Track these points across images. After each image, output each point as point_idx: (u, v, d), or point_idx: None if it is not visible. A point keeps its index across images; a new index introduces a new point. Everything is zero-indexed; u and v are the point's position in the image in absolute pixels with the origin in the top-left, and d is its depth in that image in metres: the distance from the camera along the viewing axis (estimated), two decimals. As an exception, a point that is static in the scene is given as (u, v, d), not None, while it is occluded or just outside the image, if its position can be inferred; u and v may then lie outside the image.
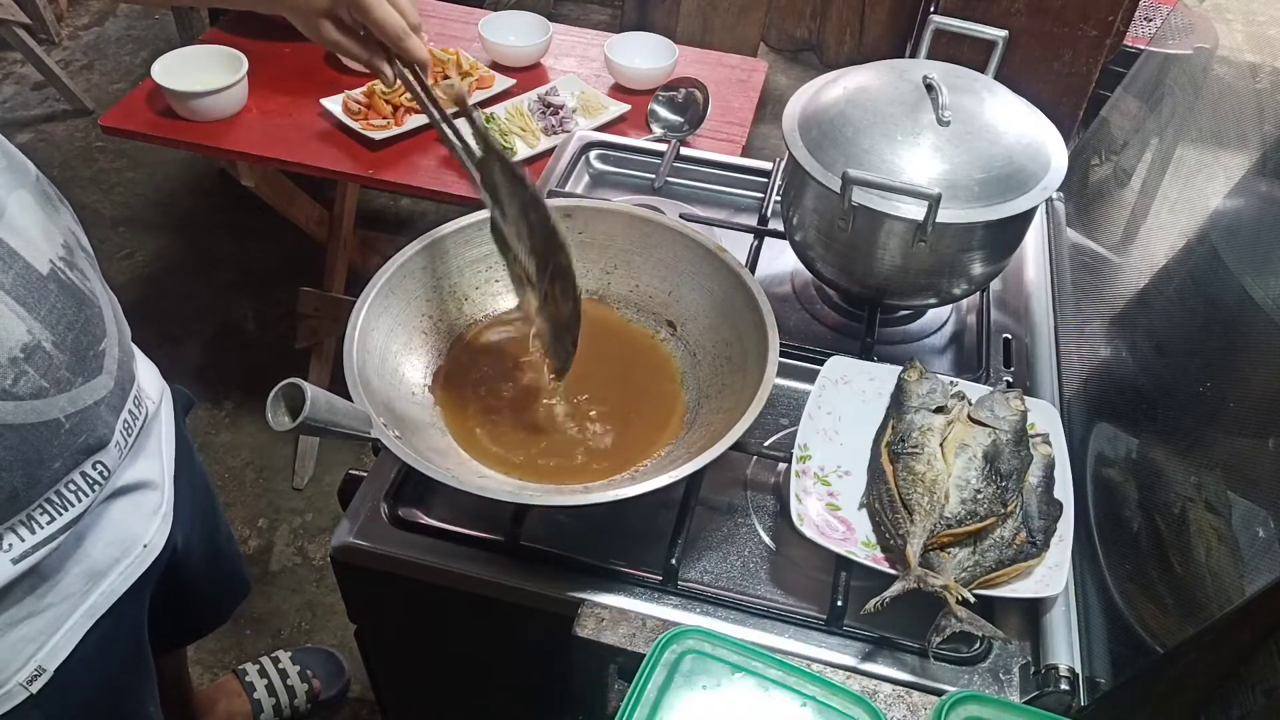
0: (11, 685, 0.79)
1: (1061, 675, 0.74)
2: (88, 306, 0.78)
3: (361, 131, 1.68)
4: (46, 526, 0.76)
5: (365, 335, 0.85)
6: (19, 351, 0.70)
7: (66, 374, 0.74)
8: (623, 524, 0.88)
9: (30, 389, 0.71)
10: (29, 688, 0.81)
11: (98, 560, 0.84)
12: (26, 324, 0.71)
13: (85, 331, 0.77)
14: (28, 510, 0.74)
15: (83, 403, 0.76)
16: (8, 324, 0.70)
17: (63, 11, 3.30)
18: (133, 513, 0.88)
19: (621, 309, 1.00)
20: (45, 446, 0.73)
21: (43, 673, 0.81)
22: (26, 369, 0.71)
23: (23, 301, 0.71)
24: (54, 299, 0.74)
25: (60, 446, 0.74)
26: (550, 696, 0.90)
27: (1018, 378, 1.01)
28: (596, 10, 3.43)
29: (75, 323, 0.76)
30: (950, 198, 0.88)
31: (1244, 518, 0.68)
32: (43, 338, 0.72)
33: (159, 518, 0.91)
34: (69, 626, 0.83)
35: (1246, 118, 0.93)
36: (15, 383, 0.70)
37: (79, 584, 0.83)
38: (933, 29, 1.07)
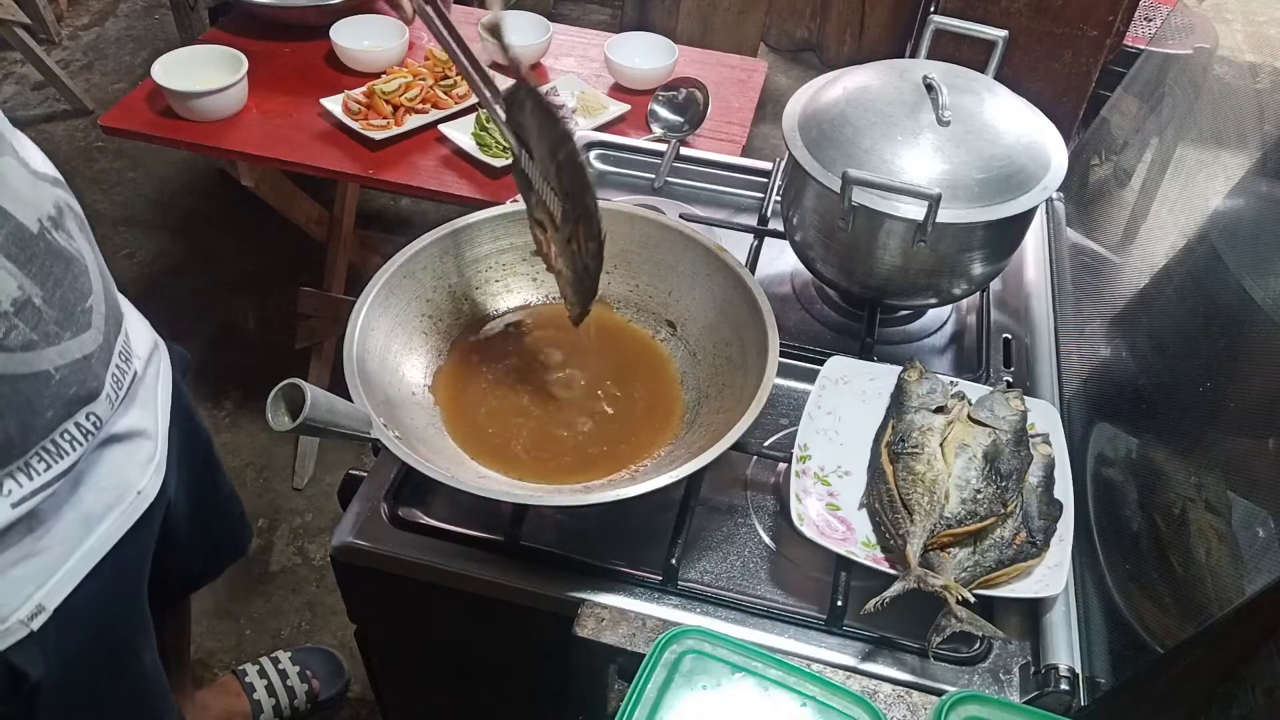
0: (12, 622, 0.82)
1: (1061, 675, 0.74)
2: (74, 265, 0.81)
3: (361, 131, 1.68)
4: (44, 473, 0.79)
5: (365, 335, 0.85)
6: (9, 306, 0.73)
7: (55, 328, 0.77)
8: (623, 524, 0.88)
9: (20, 341, 0.74)
10: (29, 624, 0.83)
11: (92, 506, 0.87)
12: (17, 280, 0.74)
13: (72, 289, 0.80)
14: (25, 458, 0.77)
15: (71, 356, 0.79)
16: (0, 280, 0.72)
17: (63, 11, 3.30)
18: (126, 461, 0.90)
19: (621, 309, 1.00)
20: (37, 397, 0.77)
21: (42, 610, 0.84)
22: (17, 323, 0.74)
23: (14, 259, 0.74)
24: (43, 258, 0.77)
25: (52, 397, 0.78)
26: (550, 696, 0.90)
27: (1018, 378, 1.01)
28: (596, 10, 3.43)
29: (63, 280, 0.79)
30: (950, 198, 0.88)
31: (1244, 518, 0.68)
32: (33, 293, 0.75)
33: (152, 466, 0.94)
34: (67, 569, 0.86)
35: (1246, 118, 0.93)
36: (6, 335, 0.73)
37: (75, 529, 0.86)
38: (933, 29, 1.07)
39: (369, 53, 1.85)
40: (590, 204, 0.82)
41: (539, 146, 0.85)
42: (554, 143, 0.82)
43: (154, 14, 3.35)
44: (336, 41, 1.85)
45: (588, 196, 0.82)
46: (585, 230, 0.84)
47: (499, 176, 1.65)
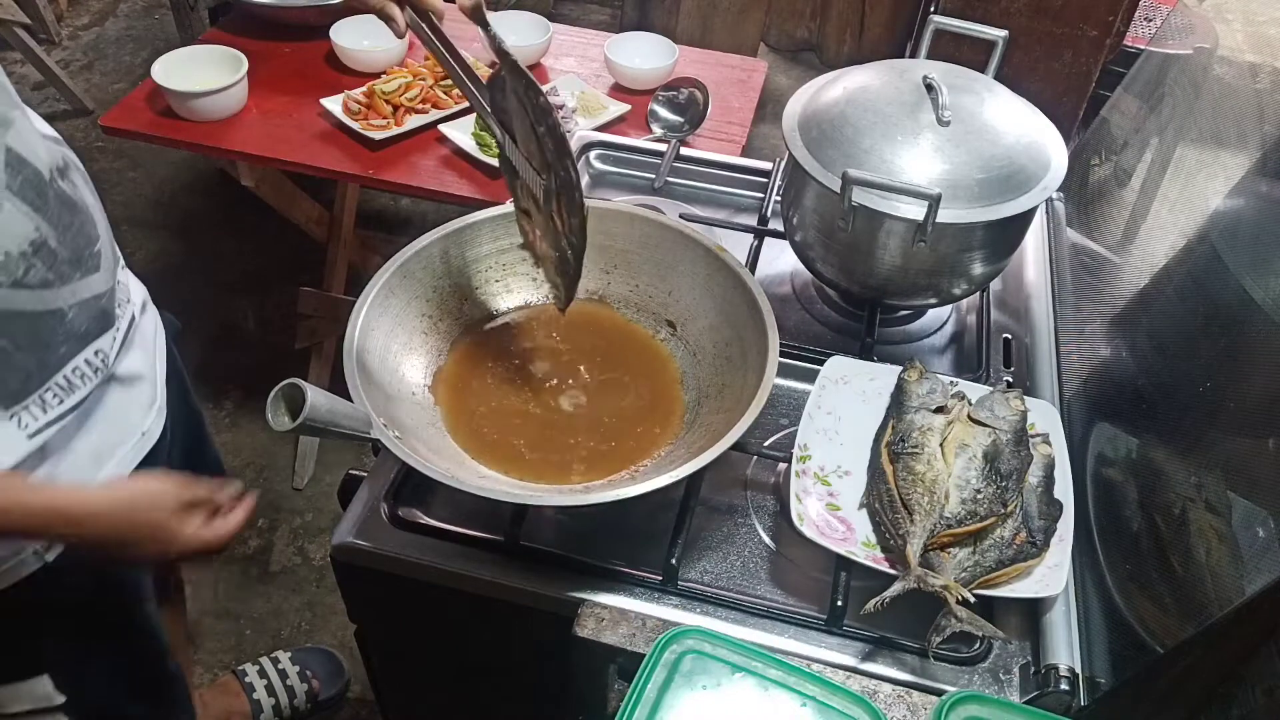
0: (26, 554, 0.87)
1: (1061, 675, 0.74)
2: (81, 213, 0.86)
3: (361, 131, 1.68)
4: (56, 407, 0.84)
5: (365, 335, 0.85)
6: (27, 246, 0.79)
7: (67, 269, 0.83)
8: (623, 524, 0.88)
9: (38, 280, 0.80)
10: (44, 556, 0.88)
11: (100, 443, 0.91)
12: (34, 222, 0.79)
13: (81, 233, 0.86)
14: (39, 392, 0.83)
15: (82, 295, 0.85)
16: (16, 222, 0.78)
17: (63, 11, 3.30)
18: (129, 403, 0.95)
19: (621, 309, 1.00)
20: (52, 334, 0.83)
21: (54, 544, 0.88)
22: (35, 262, 0.79)
23: (30, 203, 0.79)
24: (54, 203, 0.82)
25: (65, 334, 0.84)
26: (550, 696, 0.90)
27: (1018, 378, 1.01)
28: (596, 10, 3.43)
29: (72, 225, 0.84)
30: (950, 198, 0.88)
31: (1244, 518, 0.68)
32: (48, 235, 0.81)
33: (154, 410, 0.99)
34: None
35: (1246, 118, 0.92)
36: (26, 274, 0.79)
37: (86, 463, 0.90)
38: (933, 29, 1.07)
39: (369, 53, 1.85)
40: (571, 172, 0.83)
41: (520, 126, 0.86)
42: (535, 116, 0.83)
43: (154, 14, 3.35)
44: (336, 41, 1.85)
45: (568, 162, 0.83)
46: (567, 204, 0.85)
47: (499, 177, 1.64)
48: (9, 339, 0.79)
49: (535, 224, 0.90)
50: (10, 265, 0.77)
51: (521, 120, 0.85)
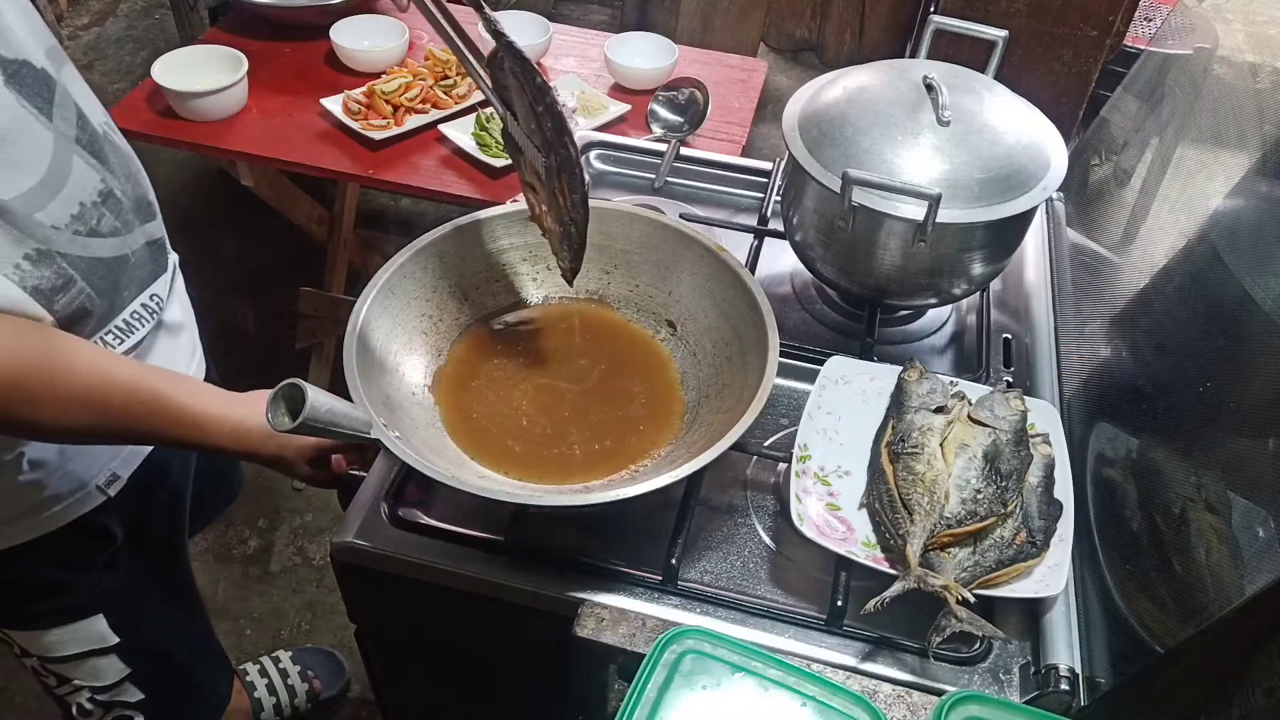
0: (90, 488, 0.93)
1: (1061, 675, 0.74)
2: (131, 162, 0.92)
3: (361, 131, 1.68)
4: (118, 348, 0.88)
5: (365, 335, 0.85)
6: (97, 196, 0.83)
7: (131, 216, 0.88)
8: (623, 524, 0.88)
9: (109, 228, 0.85)
10: (106, 491, 0.94)
11: None
12: (100, 174, 0.84)
13: (138, 183, 0.91)
14: (101, 334, 0.87)
15: (140, 241, 0.90)
16: (86, 174, 0.82)
17: (63, 11, 3.29)
18: (176, 349, 1.00)
19: (621, 309, 1.00)
20: (120, 277, 0.87)
21: (117, 479, 0.95)
22: (104, 211, 0.84)
23: (96, 155, 0.84)
24: (113, 155, 0.87)
25: (129, 278, 0.88)
26: (550, 696, 0.90)
27: (1018, 378, 1.01)
28: (596, 10, 3.43)
29: (129, 175, 0.89)
30: (950, 198, 0.88)
31: (1244, 518, 0.68)
32: (114, 185, 0.85)
33: (196, 357, 1.05)
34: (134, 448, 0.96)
35: (1246, 118, 0.92)
36: (99, 222, 0.83)
37: None
38: (933, 29, 1.07)
39: (369, 53, 1.85)
40: (571, 149, 0.84)
41: (521, 104, 0.87)
42: (533, 96, 0.84)
43: (154, 14, 3.35)
44: (336, 41, 1.85)
45: (566, 139, 0.84)
46: (569, 181, 0.86)
47: (499, 176, 1.65)
48: (91, 285, 0.83)
49: (540, 199, 0.91)
50: (86, 215, 0.82)
51: (521, 99, 0.86)
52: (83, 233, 0.81)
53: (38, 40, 0.80)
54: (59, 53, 0.84)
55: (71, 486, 0.91)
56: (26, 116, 0.76)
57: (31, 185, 0.76)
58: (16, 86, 0.75)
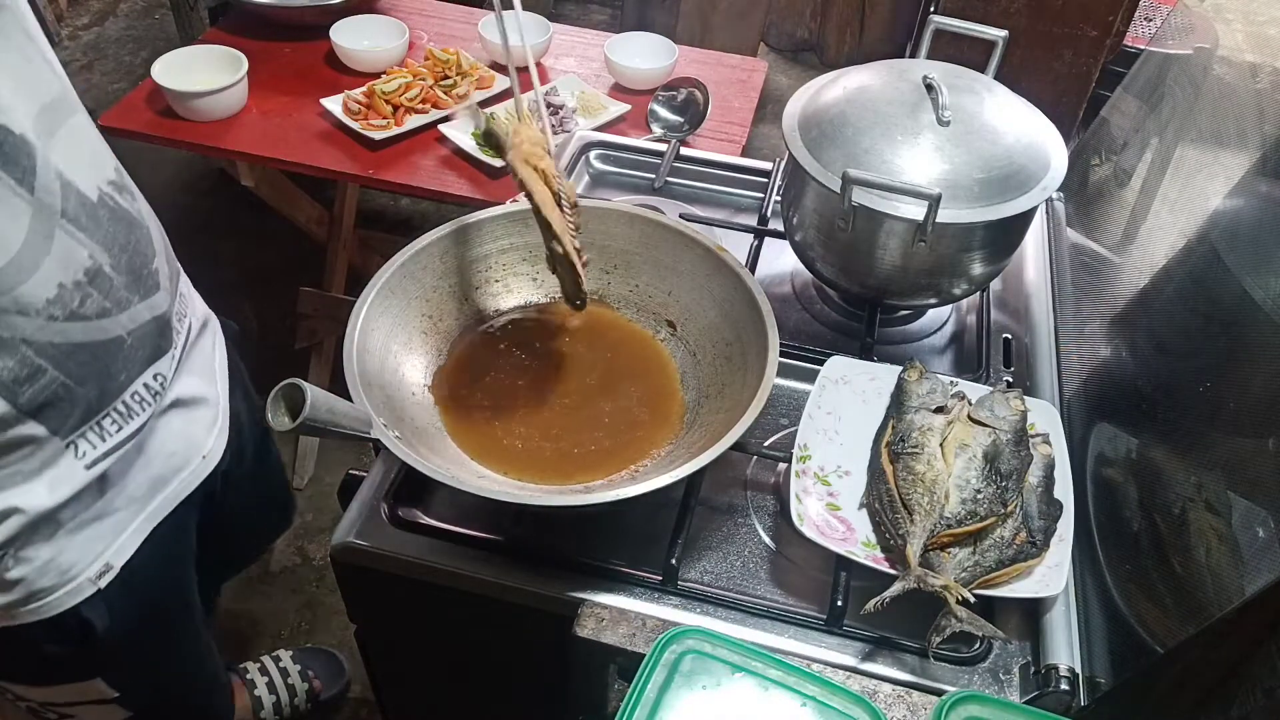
0: (81, 580, 0.86)
1: (1061, 675, 0.74)
2: (137, 228, 0.83)
3: (361, 131, 1.68)
4: (115, 435, 0.82)
5: (365, 335, 0.85)
6: (82, 275, 0.75)
7: (125, 294, 0.80)
8: (623, 524, 0.88)
9: (95, 309, 0.77)
10: (97, 583, 0.87)
11: (161, 469, 0.91)
12: (88, 249, 0.76)
13: (137, 253, 0.82)
14: (97, 418, 0.80)
15: (141, 319, 0.82)
16: (70, 250, 0.74)
17: (63, 11, 3.29)
18: (191, 425, 0.94)
19: (621, 309, 1.00)
20: (112, 361, 0.80)
21: (110, 569, 0.88)
22: (91, 291, 0.76)
23: (82, 227, 0.75)
24: (107, 224, 0.78)
25: (124, 360, 0.81)
26: (550, 696, 0.90)
27: (1018, 378, 1.01)
28: (596, 10, 3.43)
29: (128, 245, 0.81)
30: (950, 198, 0.88)
31: (1244, 518, 0.68)
32: (102, 261, 0.77)
33: (215, 430, 0.98)
34: (133, 528, 0.90)
35: (1246, 118, 0.92)
36: (82, 304, 0.75)
37: (143, 489, 0.89)
38: (933, 29, 1.07)
39: (369, 53, 1.85)
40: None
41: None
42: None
43: (154, 14, 3.35)
44: (336, 41, 1.85)
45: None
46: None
47: (499, 176, 1.65)
48: (66, 373, 0.75)
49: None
50: (65, 298, 0.74)
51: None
52: (59, 318, 0.73)
53: (30, 96, 0.72)
54: (64, 104, 0.77)
55: (60, 580, 0.85)
56: (2, 190, 0.68)
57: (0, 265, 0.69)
58: None
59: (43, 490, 0.79)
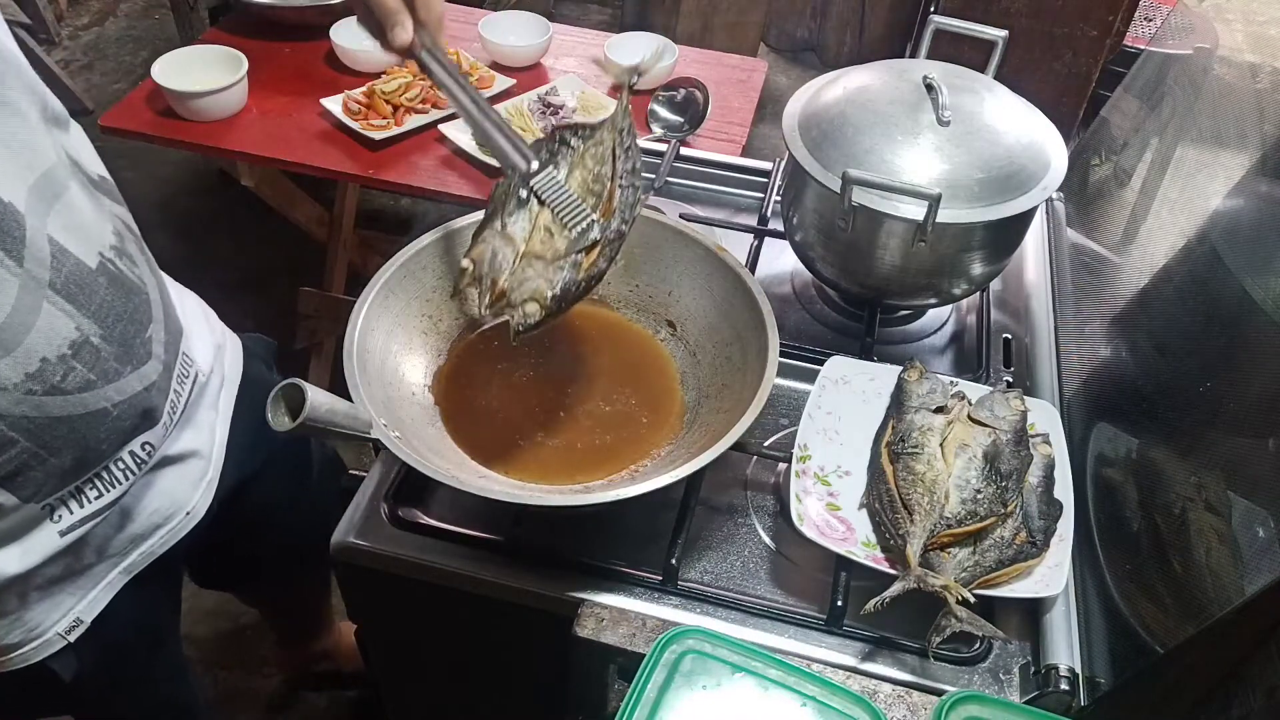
0: (50, 635, 0.84)
1: (1061, 675, 0.74)
2: (135, 295, 0.79)
3: (361, 131, 1.68)
4: (94, 501, 0.79)
5: (365, 335, 0.85)
6: (67, 349, 0.72)
7: (114, 365, 0.76)
8: (623, 524, 0.88)
9: (78, 383, 0.73)
10: (66, 637, 0.85)
11: (141, 525, 0.88)
12: (75, 321, 0.73)
13: (133, 321, 0.78)
14: (76, 484, 0.77)
15: (130, 390, 0.78)
16: (56, 324, 0.71)
17: (63, 11, 3.30)
18: (179, 482, 0.91)
19: (621, 309, 1.00)
20: (92, 433, 0.76)
21: (80, 624, 0.86)
22: (74, 365, 0.73)
23: (72, 299, 0.72)
24: (103, 292, 0.75)
25: (108, 431, 0.77)
26: (550, 696, 0.90)
27: (1018, 378, 1.01)
28: (596, 10, 3.43)
29: (124, 313, 0.77)
30: (950, 198, 0.88)
31: (1244, 518, 0.68)
32: (91, 333, 0.74)
33: (204, 484, 0.94)
34: (107, 582, 0.88)
35: (1246, 118, 0.93)
36: (64, 379, 0.72)
37: (121, 545, 0.87)
38: (933, 29, 1.07)
39: (369, 53, 1.85)
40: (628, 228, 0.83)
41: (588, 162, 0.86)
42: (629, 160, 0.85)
43: (154, 14, 3.35)
44: (336, 41, 1.85)
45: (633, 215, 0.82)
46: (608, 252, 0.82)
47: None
48: (40, 444, 0.72)
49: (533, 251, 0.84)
50: (46, 372, 0.71)
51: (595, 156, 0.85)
52: (38, 392, 0.70)
53: (25, 165, 0.70)
54: (60, 172, 0.73)
55: (27, 637, 0.83)
56: None
57: None
58: None
59: (13, 555, 0.76)
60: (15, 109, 0.70)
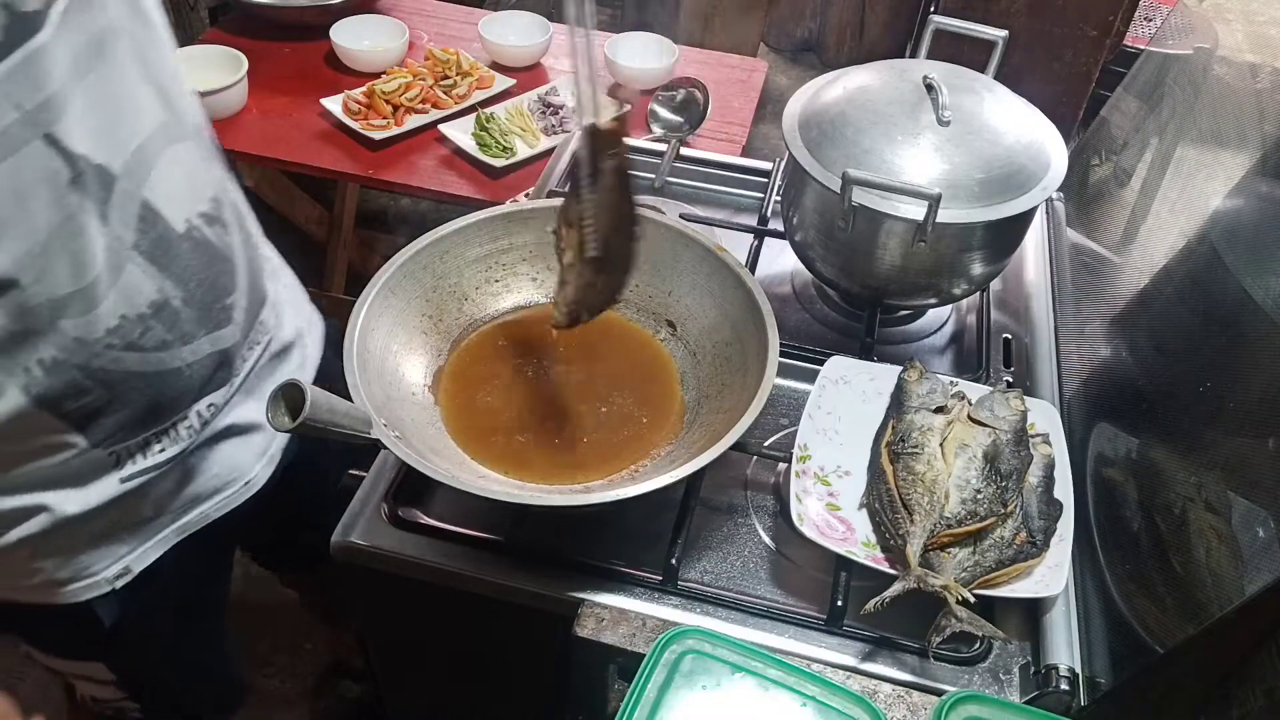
0: (99, 578, 0.87)
1: (1061, 675, 0.74)
2: (221, 262, 0.82)
3: (361, 131, 1.68)
4: (158, 454, 0.82)
5: (365, 335, 0.85)
6: (147, 309, 0.75)
7: (191, 327, 0.79)
8: (623, 524, 0.88)
9: (154, 342, 0.76)
10: (114, 583, 0.88)
11: (200, 487, 0.90)
12: (158, 283, 0.75)
13: (214, 287, 0.81)
14: (142, 437, 0.80)
15: (204, 352, 0.81)
16: (139, 284, 0.74)
17: (63, 11, 3.29)
18: (242, 451, 0.92)
19: (621, 309, 1.00)
20: (163, 389, 0.79)
21: (128, 573, 0.88)
22: (153, 324, 0.76)
23: (156, 262, 0.75)
24: (187, 257, 0.78)
25: (178, 388, 0.81)
26: (550, 696, 0.90)
27: (1018, 378, 1.01)
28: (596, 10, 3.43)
29: (205, 279, 0.80)
30: (950, 198, 0.88)
31: (1244, 518, 0.68)
32: (172, 295, 0.76)
33: (266, 458, 0.96)
34: (160, 538, 0.90)
35: (1246, 118, 0.93)
36: (141, 336, 0.75)
37: (179, 504, 0.89)
38: (933, 29, 1.07)
39: (369, 53, 1.85)
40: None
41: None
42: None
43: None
44: (336, 41, 1.85)
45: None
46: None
47: (499, 176, 1.65)
48: (114, 395, 0.76)
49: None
50: (125, 329, 0.74)
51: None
52: (117, 346, 0.74)
53: (126, 127, 0.72)
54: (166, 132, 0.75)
55: (77, 575, 0.86)
56: (80, 218, 0.69)
57: (68, 292, 0.69)
58: (80, 188, 0.68)
59: (75, 495, 0.79)
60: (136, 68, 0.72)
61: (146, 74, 0.73)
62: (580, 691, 0.81)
